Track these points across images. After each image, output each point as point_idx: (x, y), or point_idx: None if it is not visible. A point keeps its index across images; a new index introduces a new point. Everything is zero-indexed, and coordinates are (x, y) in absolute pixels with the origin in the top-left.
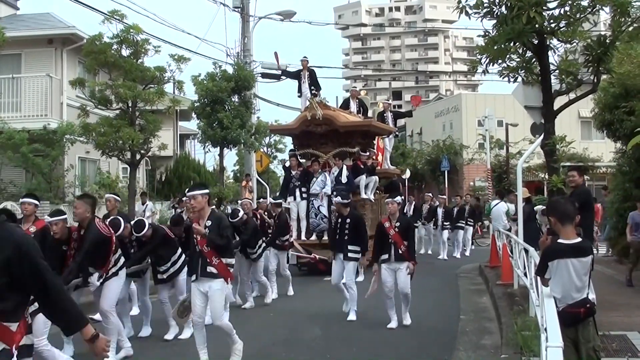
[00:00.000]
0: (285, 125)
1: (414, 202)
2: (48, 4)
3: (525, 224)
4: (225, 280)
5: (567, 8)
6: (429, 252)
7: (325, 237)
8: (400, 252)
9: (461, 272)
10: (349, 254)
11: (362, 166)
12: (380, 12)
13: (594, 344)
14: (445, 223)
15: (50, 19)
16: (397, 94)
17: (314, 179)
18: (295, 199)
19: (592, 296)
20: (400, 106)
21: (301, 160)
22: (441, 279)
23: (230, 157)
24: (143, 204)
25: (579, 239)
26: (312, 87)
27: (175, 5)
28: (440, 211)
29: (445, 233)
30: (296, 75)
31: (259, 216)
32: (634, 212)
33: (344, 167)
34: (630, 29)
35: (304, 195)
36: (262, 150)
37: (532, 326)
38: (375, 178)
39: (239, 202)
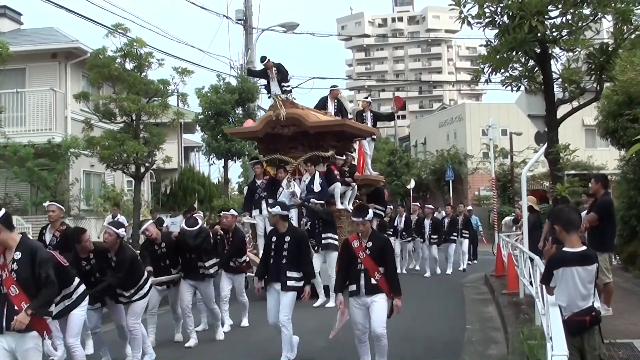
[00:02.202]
0: (247, 127)
1: (404, 214)
2: (51, 19)
3: (530, 232)
4: (41, 335)
5: (569, 16)
6: (417, 267)
7: None
8: (373, 281)
9: (466, 282)
10: (288, 282)
11: (337, 172)
12: (383, 22)
13: (599, 352)
14: (433, 237)
15: (54, 33)
16: None
17: (281, 188)
18: (260, 212)
19: (597, 304)
20: (404, 117)
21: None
22: (446, 288)
23: (235, 169)
24: (114, 217)
25: (584, 247)
26: (282, 84)
27: (179, 18)
28: (427, 223)
29: (434, 248)
30: (264, 74)
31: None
32: None
33: (317, 173)
34: (633, 36)
35: None
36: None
37: (538, 335)
38: (354, 185)
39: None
